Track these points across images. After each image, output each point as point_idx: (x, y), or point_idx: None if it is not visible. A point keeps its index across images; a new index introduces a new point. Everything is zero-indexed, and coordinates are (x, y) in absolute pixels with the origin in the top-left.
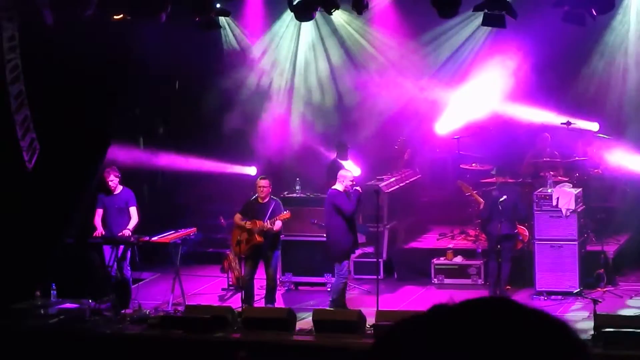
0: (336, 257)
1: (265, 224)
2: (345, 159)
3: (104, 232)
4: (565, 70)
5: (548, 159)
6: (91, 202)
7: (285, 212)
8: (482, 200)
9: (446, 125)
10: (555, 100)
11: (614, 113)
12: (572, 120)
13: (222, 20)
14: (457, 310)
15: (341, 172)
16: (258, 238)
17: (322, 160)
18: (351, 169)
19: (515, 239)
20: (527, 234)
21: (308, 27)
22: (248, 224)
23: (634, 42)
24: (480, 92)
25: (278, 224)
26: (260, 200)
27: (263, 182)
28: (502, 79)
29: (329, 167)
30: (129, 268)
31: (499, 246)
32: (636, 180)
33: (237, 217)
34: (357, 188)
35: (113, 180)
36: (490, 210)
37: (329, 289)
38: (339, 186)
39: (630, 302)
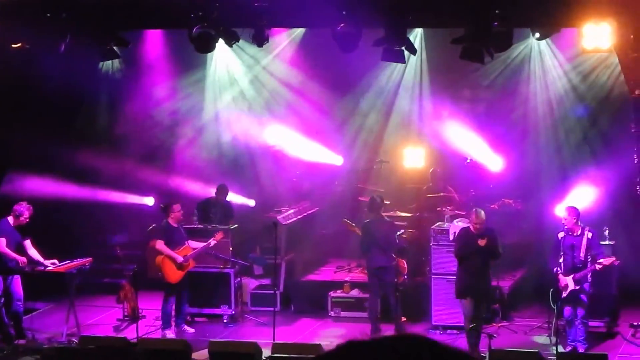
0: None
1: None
2: (225, 198)
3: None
4: None
5: (443, 194)
6: None
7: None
8: (360, 232)
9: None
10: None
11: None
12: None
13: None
14: (371, 347)
15: (475, 210)
16: (192, 263)
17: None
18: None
19: (392, 271)
20: (406, 266)
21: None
22: (181, 252)
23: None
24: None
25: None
26: (176, 225)
27: (179, 207)
28: None
29: (203, 205)
30: (21, 298)
31: (378, 280)
32: (531, 216)
33: (161, 244)
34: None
35: (28, 217)
36: (367, 244)
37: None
38: (470, 225)
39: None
